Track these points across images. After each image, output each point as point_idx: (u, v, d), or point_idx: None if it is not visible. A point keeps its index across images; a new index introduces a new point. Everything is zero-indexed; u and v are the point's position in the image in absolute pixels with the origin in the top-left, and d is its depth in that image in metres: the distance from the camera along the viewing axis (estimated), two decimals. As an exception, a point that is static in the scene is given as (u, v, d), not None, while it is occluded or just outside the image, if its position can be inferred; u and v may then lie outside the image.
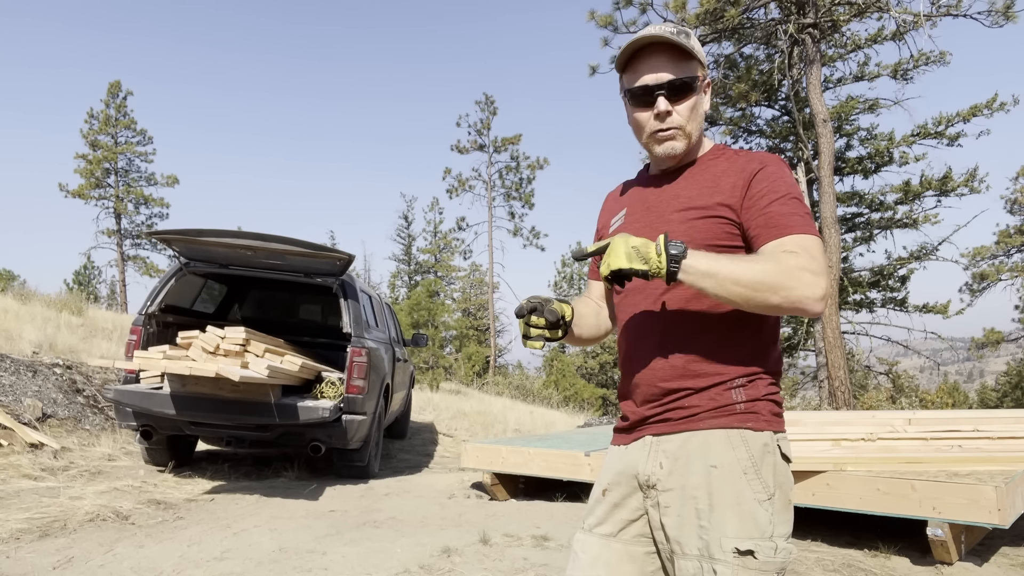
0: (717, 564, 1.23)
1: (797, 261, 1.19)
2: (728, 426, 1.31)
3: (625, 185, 1.59)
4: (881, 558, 3.88)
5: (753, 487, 1.27)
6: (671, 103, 1.36)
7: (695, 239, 1.32)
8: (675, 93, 1.36)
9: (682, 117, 1.37)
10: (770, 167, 1.34)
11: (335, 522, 4.43)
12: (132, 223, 32.96)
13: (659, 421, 1.36)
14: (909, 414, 4.37)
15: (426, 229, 40.27)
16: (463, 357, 26.85)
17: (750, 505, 1.26)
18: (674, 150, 1.39)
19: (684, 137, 1.39)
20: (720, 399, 1.31)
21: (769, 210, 1.29)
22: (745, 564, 1.22)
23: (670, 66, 1.36)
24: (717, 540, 1.24)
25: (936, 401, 24.93)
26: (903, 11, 12.91)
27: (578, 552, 1.41)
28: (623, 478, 1.39)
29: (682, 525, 1.29)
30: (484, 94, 36.49)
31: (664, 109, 1.36)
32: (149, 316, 5.54)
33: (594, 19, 13.44)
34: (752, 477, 1.28)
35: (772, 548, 1.23)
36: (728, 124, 19.80)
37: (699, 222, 1.34)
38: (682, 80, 1.35)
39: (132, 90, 33.30)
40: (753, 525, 1.24)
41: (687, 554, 1.27)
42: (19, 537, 3.71)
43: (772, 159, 1.37)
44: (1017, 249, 21.98)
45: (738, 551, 1.22)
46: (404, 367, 8.03)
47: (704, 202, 1.36)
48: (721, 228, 1.33)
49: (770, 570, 1.23)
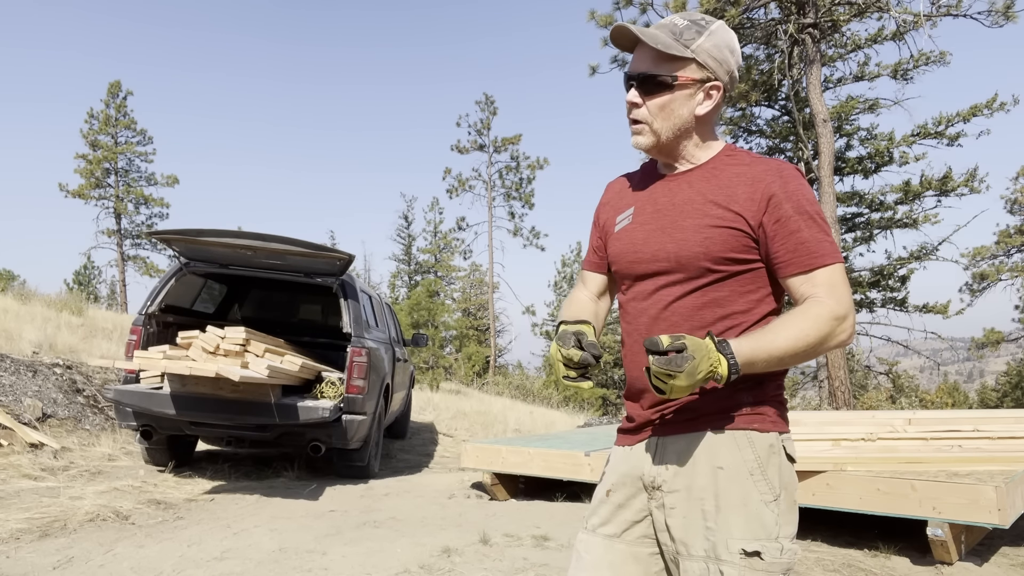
0: (724, 565, 1.23)
1: (826, 310, 1.24)
2: (735, 427, 1.31)
3: (629, 178, 1.55)
4: (881, 558, 3.88)
5: (759, 488, 1.27)
6: (642, 96, 1.35)
7: (711, 251, 1.31)
8: (644, 87, 1.35)
9: (648, 113, 1.36)
10: (791, 183, 1.31)
11: (335, 522, 4.43)
12: (132, 223, 32.98)
13: (665, 422, 1.36)
14: (909, 414, 4.38)
15: (426, 229, 40.28)
16: (463, 357, 26.85)
17: (756, 506, 1.26)
18: (637, 144, 1.39)
19: (651, 134, 1.37)
20: (727, 400, 1.31)
21: (798, 236, 1.28)
22: (752, 565, 1.22)
23: (649, 60, 1.34)
24: (724, 541, 1.24)
25: (936, 401, 24.96)
26: (903, 11, 12.91)
27: (582, 552, 1.40)
28: (628, 479, 1.39)
29: (688, 526, 1.28)
30: (484, 94, 36.51)
31: (630, 100, 1.37)
32: (149, 316, 5.54)
33: (594, 19, 13.45)
34: (759, 478, 1.28)
35: (778, 549, 1.24)
36: (728, 124, 19.80)
37: (715, 233, 1.32)
38: (651, 75, 1.33)
39: (132, 90, 33.34)
40: (759, 526, 1.25)
41: (693, 555, 1.27)
42: (19, 537, 3.71)
43: (788, 169, 1.34)
44: (1017, 249, 21.98)
45: (745, 552, 1.23)
46: (404, 367, 8.03)
47: (719, 211, 1.32)
48: (738, 241, 1.31)
49: (776, 571, 1.23)
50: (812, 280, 1.27)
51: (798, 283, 1.29)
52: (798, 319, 1.24)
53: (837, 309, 1.24)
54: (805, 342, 1.22)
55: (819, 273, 1.27)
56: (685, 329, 1.33)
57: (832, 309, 1.24)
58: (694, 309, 1.34)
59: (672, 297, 1.35)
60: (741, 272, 1.33)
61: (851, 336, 1.26)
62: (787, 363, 1.25)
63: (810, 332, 1.23)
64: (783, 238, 1.29)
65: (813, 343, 1.23)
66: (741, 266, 1.33)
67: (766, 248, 1.31)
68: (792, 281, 1.30)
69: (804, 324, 1.23)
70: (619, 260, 1.46)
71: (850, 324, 1.25)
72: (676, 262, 1.34)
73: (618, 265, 1.47)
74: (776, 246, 1.30)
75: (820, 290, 1.26)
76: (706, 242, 1.32)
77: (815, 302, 1.25)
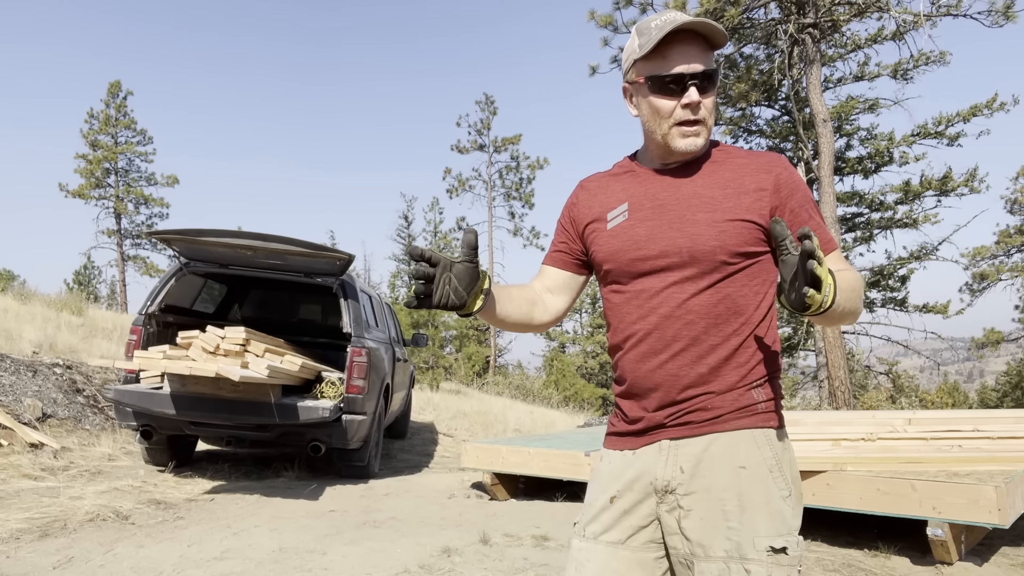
0: (750, 564, 1.23)
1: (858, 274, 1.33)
2: (752, 426, 1.31)
3: (606, 176, 1.49)
4: (881, 558, 3.88)
5: (778, 484, 1.29)
6: (701, 95, 1.31)
7: (727, 245, 1.31)
8: (706, 85, 1.32)
9: (707, 111, 1.33)
10: (794, 173, 1.38)
11: (335, 522, 4.43)
12: (132, 223, 32.98)
13: (679, 424, 1.33)
14: (909, 414, 4.37)
15: (426, 229, 40.25)
16: (463, 357, 26.85)
17: (778, 503, 1.27)
18: (695, 146, 1.34)
19: (706, 132, 1.35)
20: (743, 399, 1.31)
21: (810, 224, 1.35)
22: (779, 561, 1.23)
23: (703, 56, 1.31)
24: (750, 540, 1.24)
25: (936, 401, 24.94)
26: (903, 11, 12.91)
27: (583, 561, 1.36)
28: (636, 484, 1.35)
29: (706, 527, 1.27)
30: (484, 94, 36.55)
31: (696, 100, 1.30)
32: (149, 316, 5.54)
33: (594, 19, 13.45)
34: (777, 475, 1.29)
35: (797, 542, 1.26)
36: (728, 124, 19.81)
37: (730, 227, 1.31)
38: (713, 72, 1.32)
39: (132, 90, 33.33)
40: (782, 522, 1.26)
41: (711, 556, 1.26)
42: (19, 537, 3.71)
43: (785, 160, 1.38)
44: (1017, 249, 21.97)
45: (773, 549, 1.23)
46: (404, 367, 8.03)
47: (732, 204, 1.32)
48: (751, 234, 1.32)
49: (797, 564, 1.25)
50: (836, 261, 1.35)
51: None
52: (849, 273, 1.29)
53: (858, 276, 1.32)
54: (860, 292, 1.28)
55: (831, 256, 1.34)
56: (702, 326, 1.32)
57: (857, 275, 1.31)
58: (710, 306, 1.32)
59: (687, 294, 1.33)
60: (751, 264, 1.34)
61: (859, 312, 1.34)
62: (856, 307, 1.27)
63: (859, 285, 1.29)
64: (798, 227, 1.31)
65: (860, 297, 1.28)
66: (752, 259, 1.33)
67: None
68: None
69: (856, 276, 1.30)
70: (616, 258, 1.40)
71: None
72: (690, 256, 1.32)
73: (614, 263, 1.41)
74: None
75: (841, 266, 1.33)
76: (721, 236, 1.31)
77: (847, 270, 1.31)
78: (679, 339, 1.33)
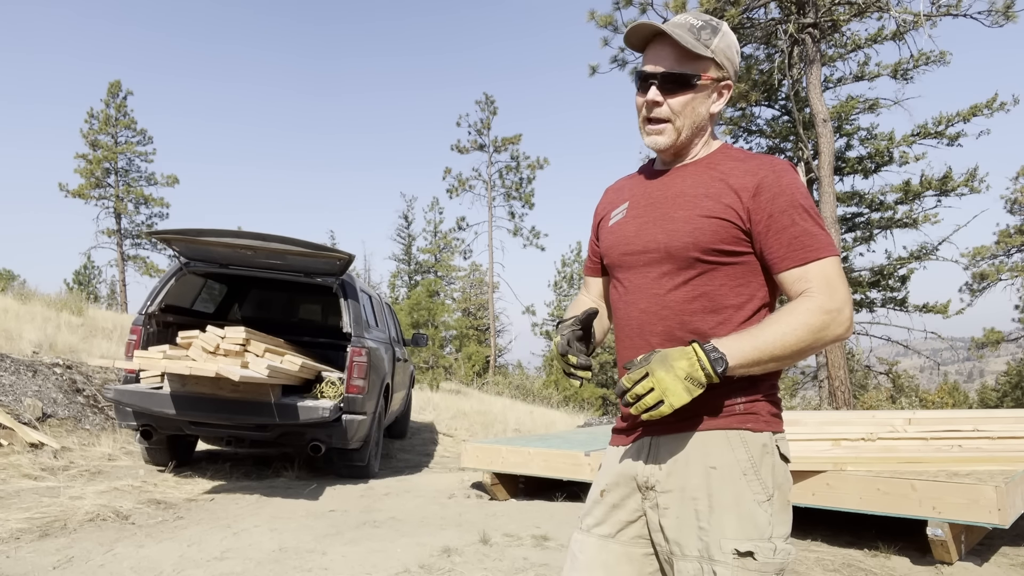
0: (717, 565, 1.23)
1: (815, 304, 1.23)
2: (727, 427, 1.30)
3: (626, 180, 1.57)
4: (881, 558, 3.88)
5: (752, 488, 1.27)
6: (663, 95, 1.35)
7: (700, 242, 1.31)
8: (667, 86, 1.35)
9: (671, 111, 1.35)
10: (784, 176, 1.31)
11: (335, 522, 4.43)
12: (132, 223, 32.97)
13: (658, 422, 1.33)
14: (909, 414, 4.38)
15: (426, 229, 40.28)
16: (463, 357, 26.85)
17: (749, 506, 1.25)
18: (656, 144, 1.39)
19: (673, 132, 1.37)
20: (720, 400, 1.31)
21: (792, 231, 1.28)
22: (745, 565, 1.22)
23: (671, 59, 1.34)
24: (717, 541, 1.24)
25: (936, 401, 24.96)
26: (903, 11, 12.91)
27: (576, 553, 1.40)
28: (622, 479, 1.38)
29: (681, 527, 1.28)
30: (484, 94, 36.50)
31: (652, 99, 1.36)
32: (149, 316, 5.54)
33: (594, 19, 13.44)
34: (751, 478, 1.27)
35: (771, 549, 1.23)
36: (728, 124, 19.81)
37: (705, 223, 1.32)
38: (677, 74, 1.34)
39: (132, 90, 33.32)
40: (752, 526, 1.24)
41: (687, 555, 1.27)
42: (19, 537, 3.71)
43: (782, 164, 1.34)
44: (1017, 249, 21.97)
45: (738, 552, 1.22)
46: (404, 367, 8.03)
47: (711, 203, 1.33)
48: (728, 232, 1.31)
49: (769, 571, 1.23)
50: (806, 274, 1.26)
51: (793, 278, 1.28)
52: (787, 315, 1.24)
53: (828, 303, 1.22)
54: (795, 337, 1.21)
55: (813, 267, 1.26)
56: (675, 322, 1.34)
57: (821, 303, 1.22)
58: (685, 302, 1.33)
59: (664, 290, 1.35)
60: (731, 264, 1.33)
61: (848, 330, 1.24)
62: (780, 360, 1.23)
63: (799, 328, 1.21)
64: (776, 233, 1.28)
65: (804, 338, 1.21)
66: (731, 258, 1.32)
67: (760, 244, 1.31)
68: (787, 276, 1.29)
69: (792, 319, 1.22)
70: (610, 253, 1.47)
71: (846, 318, 1.23)
72: (666, 252, 1.35)
73: (609, 258, 1.48)
74: (770, 241, 1.29)
75: (814, 284, 1.25)
76: (695, 232, 1.32)
77: (806, 297, 1.25)
78: (655, 333, 1.36)
